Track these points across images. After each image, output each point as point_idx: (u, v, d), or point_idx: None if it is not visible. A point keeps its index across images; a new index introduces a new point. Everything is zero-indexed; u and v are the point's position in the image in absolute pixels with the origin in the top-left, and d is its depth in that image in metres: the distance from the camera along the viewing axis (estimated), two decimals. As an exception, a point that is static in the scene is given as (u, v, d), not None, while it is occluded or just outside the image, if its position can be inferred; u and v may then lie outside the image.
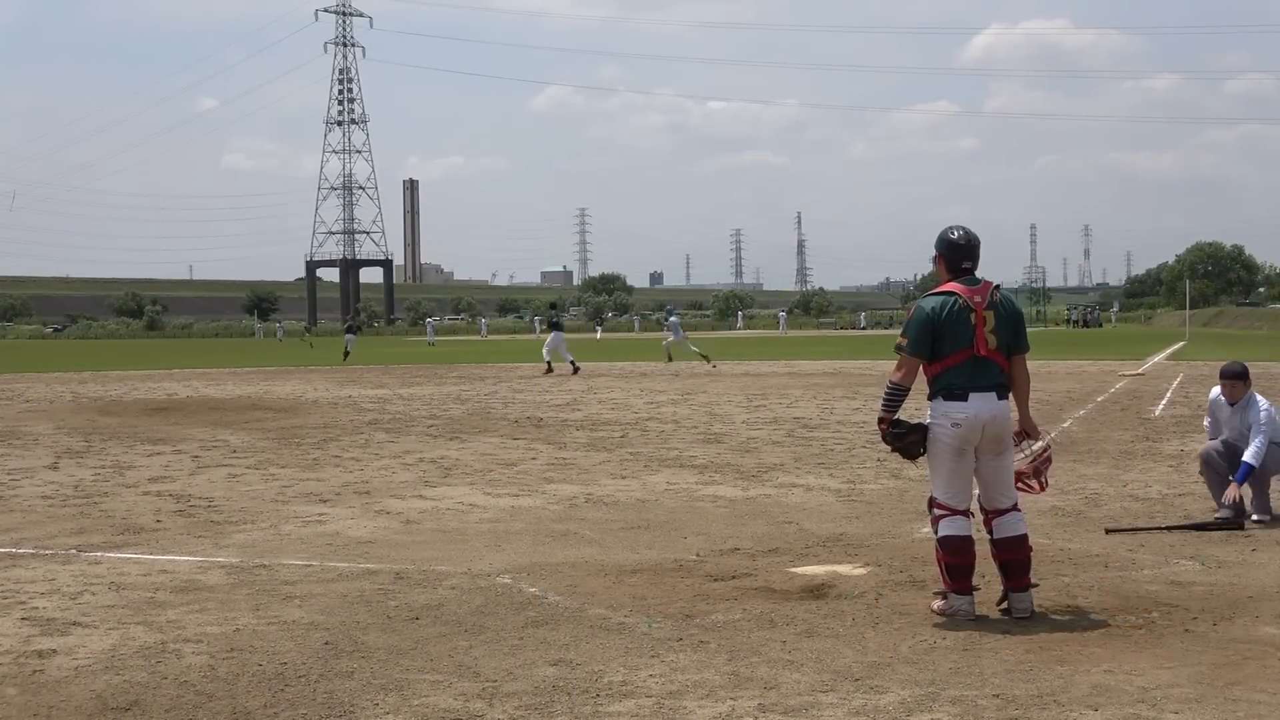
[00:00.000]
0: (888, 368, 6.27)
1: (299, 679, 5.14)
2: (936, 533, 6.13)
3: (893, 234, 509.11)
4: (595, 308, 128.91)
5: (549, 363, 30.90)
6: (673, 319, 36.66)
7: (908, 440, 6.12)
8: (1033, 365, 6.49)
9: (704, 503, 9.91)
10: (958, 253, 6.17)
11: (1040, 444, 6.43)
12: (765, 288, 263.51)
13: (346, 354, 43.46)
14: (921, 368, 6.09)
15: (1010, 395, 6.13)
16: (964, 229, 6.24)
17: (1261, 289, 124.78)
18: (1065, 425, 15.45)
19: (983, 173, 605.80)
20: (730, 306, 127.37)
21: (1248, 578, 6.86)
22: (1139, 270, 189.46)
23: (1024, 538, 6.16)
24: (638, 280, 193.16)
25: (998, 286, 6.15)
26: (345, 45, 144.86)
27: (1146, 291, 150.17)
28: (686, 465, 12.29)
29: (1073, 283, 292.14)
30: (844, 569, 7.22)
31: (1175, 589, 6.58)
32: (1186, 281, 77.72)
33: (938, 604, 6.12)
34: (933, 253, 6.28)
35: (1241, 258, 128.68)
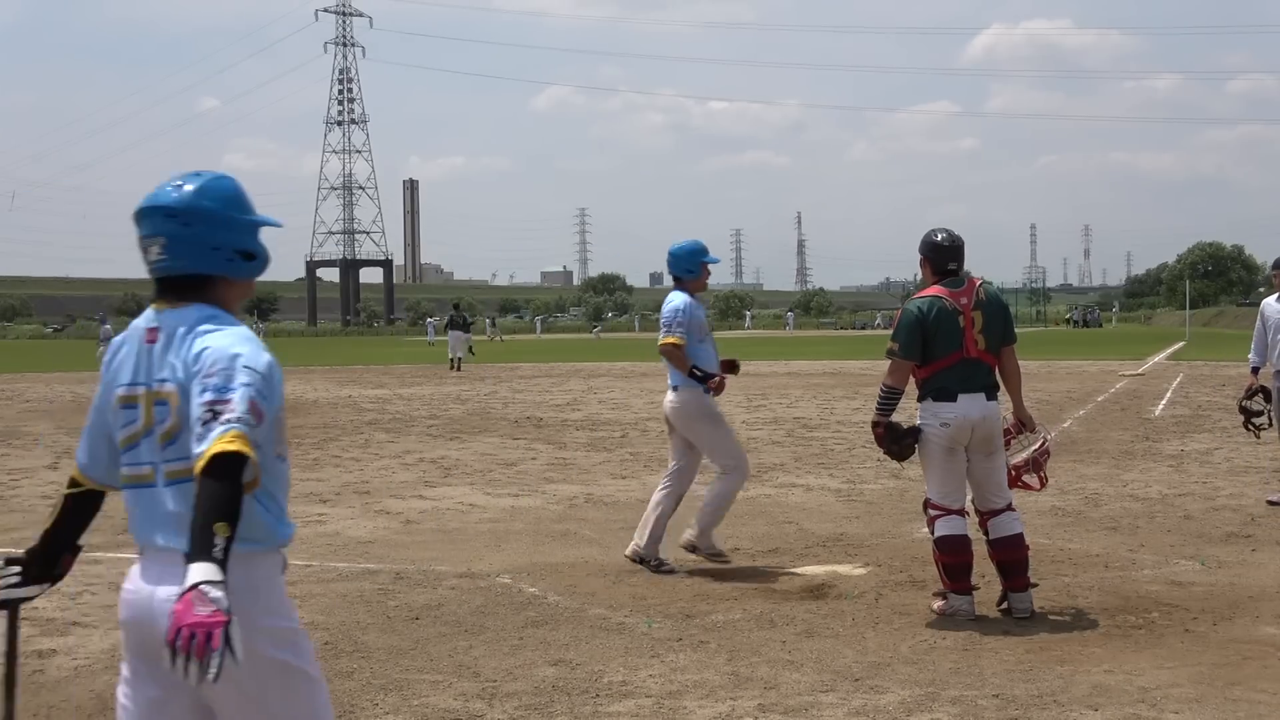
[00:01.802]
0: (886, 367, 6.27)
1: (299, 679, 5.13)
2: (933, 533, 6.14)
3: (893, 234, 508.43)
4: (595, 308, 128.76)
5: (455, 360, 32.82)
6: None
7: (905, 443, 6.12)
8: (1033, 365, 6.51)
9: (704, 503, 9.89)
10: (943, 254, 6.19)
11: (1037, 438, 6.42)
12: (765, 288, 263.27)
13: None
14: (912, 371, 6.10)
15: (999, 396, 6.14)
16: (947, 231, 6.27)
17: (1261, 289, 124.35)
18: (1065, 425, 15.44)
19: (983, 173, 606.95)
20: (731, 306, 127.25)
21: (1248, 578, 6.87)
22: (1139, 270, 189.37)
23: (1019, 537, 6.15)
24: (638, 280, 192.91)
25: (983, 283, 6.17)
26: (345, 45, 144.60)
27: (1146, 292, 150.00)
28: (686, 465, 12.27)
29: (1073, 282, 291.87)
30: (844, 569, 7.22)
31: (1175, 589, 6.59)
32: (1186, 281, 77.66)
33: (937, 604, 6.12)
34: (919, 257, 6.31)
35: (1241, 258, 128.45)
